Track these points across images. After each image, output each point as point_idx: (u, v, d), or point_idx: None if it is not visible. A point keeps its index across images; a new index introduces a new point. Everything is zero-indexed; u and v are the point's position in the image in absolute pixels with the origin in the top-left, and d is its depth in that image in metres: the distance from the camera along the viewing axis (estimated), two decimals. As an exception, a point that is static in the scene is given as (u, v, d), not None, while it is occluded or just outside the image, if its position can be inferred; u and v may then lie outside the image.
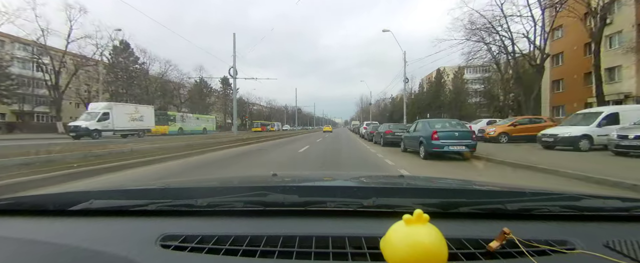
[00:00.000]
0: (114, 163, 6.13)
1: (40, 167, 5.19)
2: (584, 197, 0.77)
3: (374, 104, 70.44)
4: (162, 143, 11.83)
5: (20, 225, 0.72)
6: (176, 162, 7.50)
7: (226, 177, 1.99)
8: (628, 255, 0.55)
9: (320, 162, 7.72)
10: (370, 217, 0.69)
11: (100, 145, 10.15)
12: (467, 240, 0.59)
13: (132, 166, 6.24)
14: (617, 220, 0.70)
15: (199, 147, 10.52)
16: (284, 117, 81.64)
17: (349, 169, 6.80)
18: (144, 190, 0.97)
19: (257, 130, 48.78)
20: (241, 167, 6.99)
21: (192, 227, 0.66)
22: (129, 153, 8.23)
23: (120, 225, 0.69)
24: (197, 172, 6.08)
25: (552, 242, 0.58)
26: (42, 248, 0.59)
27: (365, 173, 3.32)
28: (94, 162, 6.26)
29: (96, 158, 6.92)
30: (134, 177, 5.34)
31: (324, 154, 9.79)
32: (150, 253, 0.57)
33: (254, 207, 0.73)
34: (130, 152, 8.39)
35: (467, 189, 1.04)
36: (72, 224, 0.71)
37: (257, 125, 53.64)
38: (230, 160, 8.08)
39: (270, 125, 58.73)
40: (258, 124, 53.88)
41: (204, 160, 8.11)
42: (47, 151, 7.00)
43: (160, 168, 6.43)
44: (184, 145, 10.65)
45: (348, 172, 4.86)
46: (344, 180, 1.27)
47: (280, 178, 1.24)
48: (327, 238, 0.60)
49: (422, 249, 0.45)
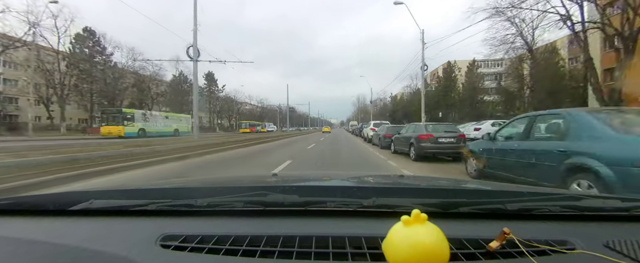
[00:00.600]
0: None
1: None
2: (584, 197, 0.81)
3: (371, 104, 70.14)
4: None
5: (20, 225, 0.77)
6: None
7: (226, 177, 2.05)
8: (628, 255, 0.58)
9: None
10: (371, 217, 0.73)
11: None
12: (467, 240, 0.62)
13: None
14: (617, 220, 0.74)
15: (96, 163, 6.76)
16: (277, 117, 79.33)
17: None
18: (144, 190, 1.01)
19: (246, 131, 46.85)
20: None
21: (192, 227, 0.70)
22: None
23: (120, 225, 0.73)
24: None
25: (552, 242, 0.61)
26: (42, 248, 0.63)
27: (365, 173, 3.38)
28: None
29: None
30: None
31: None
32: (150, 253, 0.61)
33: (254, 207, 0.77)
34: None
35: (467, 189, 1.09)
36: (72, 224, 0.75)
37: (245, 125, 51.30)
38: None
39: (260, 125, 56.40)
40: (246, 125, 51.58)
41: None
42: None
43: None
44: (68, 159, 7.11)
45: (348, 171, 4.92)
46: (344, 180, 1.31)
47: (280, 178, 1.29)
48: (327, 238, 0.63)
49: (424, 249, 0.48)
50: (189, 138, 20.28)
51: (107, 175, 6.15)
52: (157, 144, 13.04)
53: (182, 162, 8.31)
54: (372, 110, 58.30)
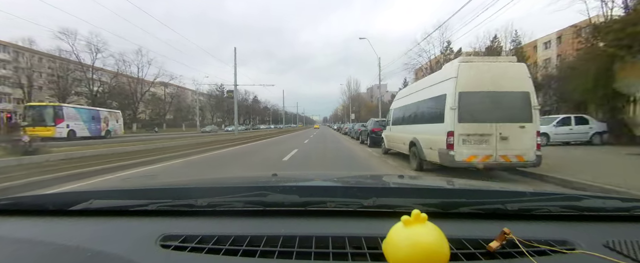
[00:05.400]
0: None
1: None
2: (584, 197, 0.81)
3: (367, 93, 60.88)
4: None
5: (20, 225, 0.76)
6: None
7: (226, 177, 2.05)
8: (628, 255, 0.58)
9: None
10: (370, 217, 0.73)
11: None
12: (467, 240, 0.62)
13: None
14: (617, 220, 0.74)
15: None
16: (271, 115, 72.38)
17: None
18: (144, 190, 1.01)
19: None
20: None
21: (192, 227, 0.70)
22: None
23: (120, 225, 0.73)
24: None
25: (552, 242, 0.61)
26: (42, 248, 0.63)
27: (365, 173, 3.39)
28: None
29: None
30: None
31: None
32: (150, 253, 0.61)
33: (254, 207, 0.77)
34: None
35: (467, 189, 1.09)
36: (72, 224, 0.75)
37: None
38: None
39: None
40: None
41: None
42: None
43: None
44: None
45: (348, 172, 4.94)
46: (344, 180, 1.31)
47: (280, 178, 1.29)
48: (327, 238, 0.63)
49: (424, 249, 0.48)
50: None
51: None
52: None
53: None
54: (365, 105, 51.17)
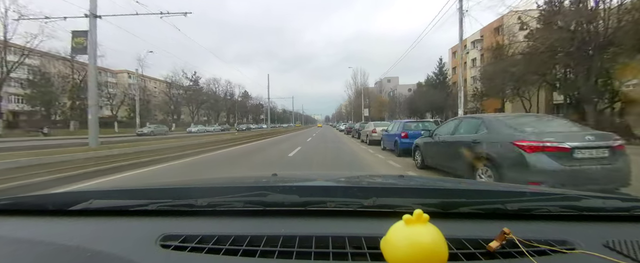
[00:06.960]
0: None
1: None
2: (584, 197, 0.81)
3: (376, 86, 56.94)
4: None
5: (20, 225, 0.76)
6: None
7: (226, 177, 2.06)
8: (628, 255, 0.58)
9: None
10: (370, 217, 0.73)
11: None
12: (467, 240, 0.62)
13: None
14: (617, 220, 0.74)
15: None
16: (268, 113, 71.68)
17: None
18: (144, 190, 1.01)
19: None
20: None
21: (192, 227, 0.70)
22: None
23: (120, 225, 0.73)
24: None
25: (552, 242, 0.61)
26: (42, 248, 0.63)
27: (365, 173, 3.40)
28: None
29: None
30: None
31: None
32: (150, 253, 0.61)
33: (254, 207, 0.77)
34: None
35: (467, 189, 1.09)
36: (72, 224, 0.75)
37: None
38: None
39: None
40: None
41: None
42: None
43: None
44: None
45: (348, 172, 4.95)
46: (344, 180, 1.31)
47: (280, 178, 1.29)
48: (327, 238, 0.63)
49: (422, 249, 0.48)
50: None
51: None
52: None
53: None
54: (376, 101, 47.09)
